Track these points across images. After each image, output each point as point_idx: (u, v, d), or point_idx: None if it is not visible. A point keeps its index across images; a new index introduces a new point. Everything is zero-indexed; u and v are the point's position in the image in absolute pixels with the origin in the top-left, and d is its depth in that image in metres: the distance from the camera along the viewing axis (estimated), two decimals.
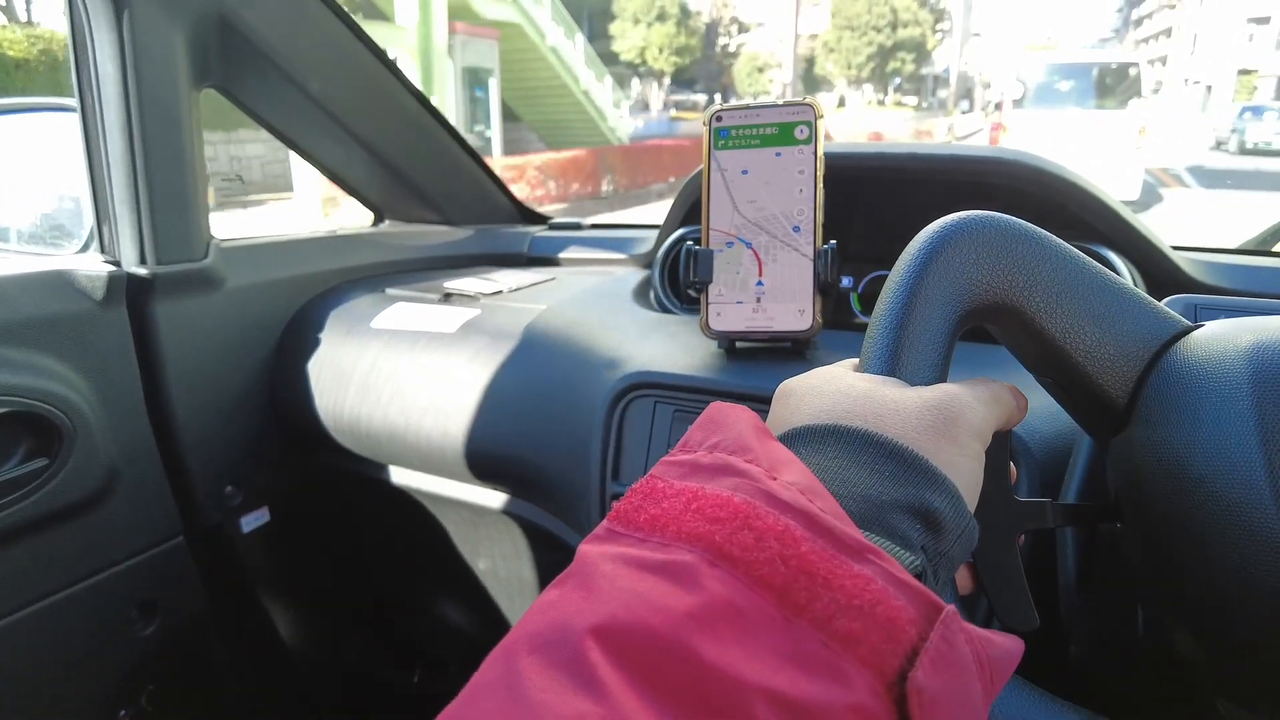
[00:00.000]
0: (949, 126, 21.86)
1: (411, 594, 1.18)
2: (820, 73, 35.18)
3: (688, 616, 0.20)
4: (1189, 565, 0.31)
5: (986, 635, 0.25)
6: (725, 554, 0.22)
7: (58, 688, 0.84)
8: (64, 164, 0.86)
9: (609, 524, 0.25)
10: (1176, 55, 39.42)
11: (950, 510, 0.27)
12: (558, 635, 0.20)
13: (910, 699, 0.21)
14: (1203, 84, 34.01)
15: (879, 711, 0.21)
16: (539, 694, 0.19)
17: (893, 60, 33.40)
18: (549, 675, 0.19)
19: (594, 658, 0.19)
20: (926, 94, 43.32)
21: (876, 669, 0.21)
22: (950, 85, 42.22)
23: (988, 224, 0.34)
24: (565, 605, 0.22)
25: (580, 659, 0.19)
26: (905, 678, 0.21)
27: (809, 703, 0.20)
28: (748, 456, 0.25)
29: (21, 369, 0.75)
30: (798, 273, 0.67)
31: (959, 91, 39.65)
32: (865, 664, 0.21)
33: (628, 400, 0.70)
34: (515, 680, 0.20)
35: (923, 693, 0.21)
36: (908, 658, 0.21)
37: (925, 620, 0.22)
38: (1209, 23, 35.88)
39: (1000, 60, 39.48)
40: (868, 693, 0.20)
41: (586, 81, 15.23)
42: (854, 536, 0.23)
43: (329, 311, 0.99)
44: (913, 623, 0.22)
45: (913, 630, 0.22)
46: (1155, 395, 0.33)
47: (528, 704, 0.19)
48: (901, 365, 0.32)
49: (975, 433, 0.30)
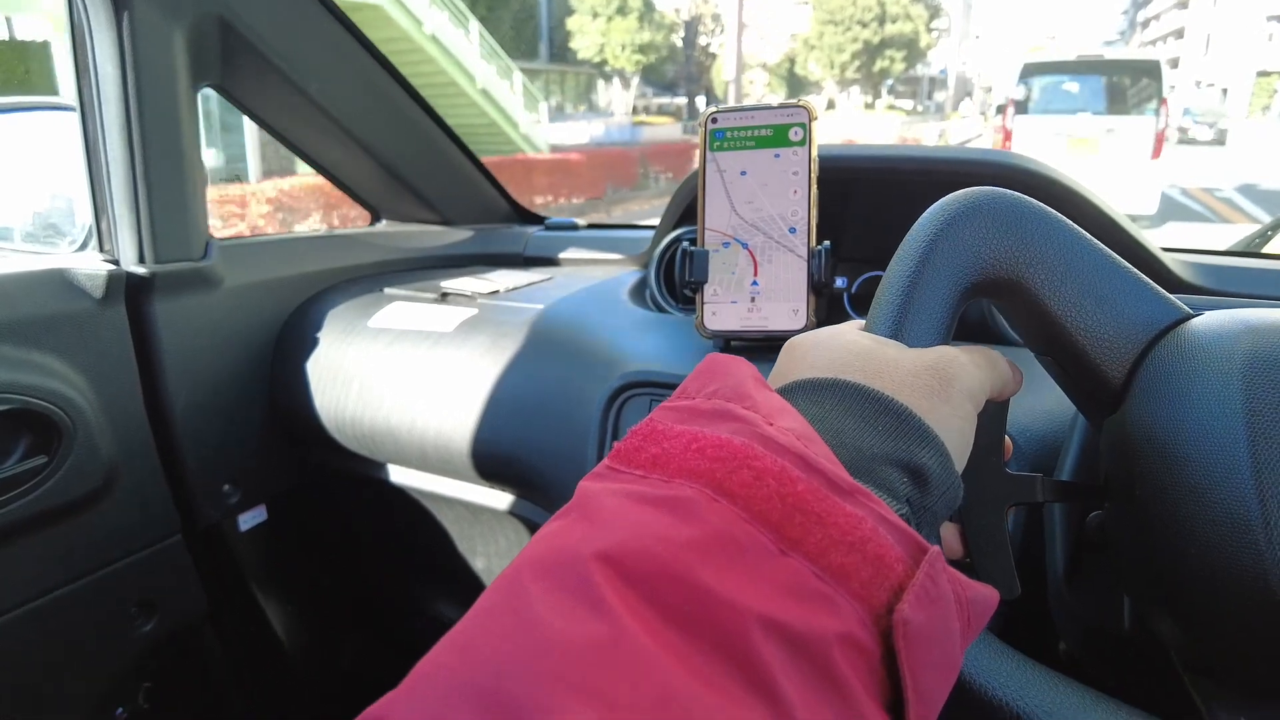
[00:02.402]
0: (940, 133, 20.29)
1: (408, 592, 1.18)
2: (801, 72, 32.14)
3: (689, 545, 0.21)
4: (1171, 546, 0.32)
5: (966, 579, 0.26)
6: (725, 489, 0.23)
7: (56, 684, 0.84)
8: (62, 162, 0.86)
9: (610, 463, 0.26)
10: (1188, 57, 37.86)
11: (938, 467, 0.28)
12: (563, 560, 0.21)
13: (896, 630, 0.22)
14: (1217, 87, 32.46)
15: (867, 640, 0.22)
16: (546, 615, 0.19)
17: (880, 59, 30.15)
18: (557, 597, 0.20)
19: (600, 581, 0.20)
20: (922, 96, 41.50)
21: (865, 601, 0.22)
22: (949, 88, 40.30)
23: (999, 200, 0.35)
24: (570, 533, 0.22)
25: (587, 582, 0.20)
26: (892, 611, 0.22)
27: (802, 629, 0.21)
28: (745, 403, 0.26)
29: (21, 367, 0.75)
30: (793, 273, 0.68)
31: (958, 95, 38.29)
32: (855, 596, 0.22)
33: (624, 399, 0.71)
34: (523, 603, 0.20)
35: (908, 625, 0.22)
36: (895, 593, 0.23)
37: (911, 559, 0.23)
38: (1224, 22, 34.23)
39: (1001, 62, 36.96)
40: (857, 623, 0.22)
41: (485, 79, 12.57)
42: (846, 478, 0.24)
43: (327, 310, 0.99)
44: (900, 560, 0.23)
45: (900, 567, 0.23)
46: (1150, 377, 0.34)
47: (536, 624, 0.19)
48: (906, 328, 0.33)
49: (969, 394, 0.31)
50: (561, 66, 27.24)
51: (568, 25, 24.69)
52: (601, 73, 26.86)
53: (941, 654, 0.24)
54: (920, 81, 41.61)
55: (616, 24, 23.95)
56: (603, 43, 24.23)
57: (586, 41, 24.27)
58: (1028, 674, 0.35)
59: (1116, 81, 7.52)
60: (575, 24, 24.41)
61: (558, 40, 26.01)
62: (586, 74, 27.72)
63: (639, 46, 24.31)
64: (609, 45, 24.23)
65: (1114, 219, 0.73)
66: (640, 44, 24.27)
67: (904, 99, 40.35)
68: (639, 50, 24.40)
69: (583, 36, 24.27)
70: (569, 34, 24.67)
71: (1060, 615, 0.46)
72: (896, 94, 39.53)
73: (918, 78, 40.81)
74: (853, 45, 29.95)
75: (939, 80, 42.42)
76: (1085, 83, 7.63)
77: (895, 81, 36.64)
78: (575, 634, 0.19)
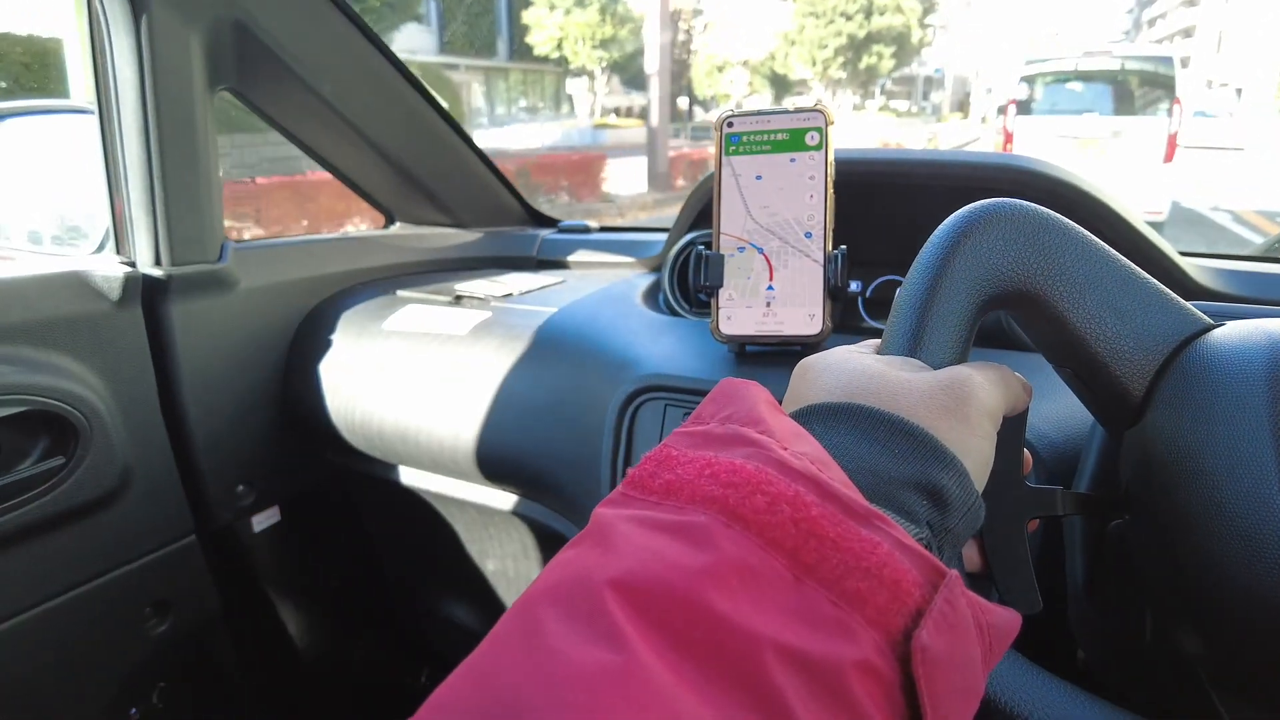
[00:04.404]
0: (930, 137, 18.24)
1: (420, 594, 1.19)
2: (782, 69, 28.17)
3: (702, 573, 0.21)
4: (1195, 559, 0.31)
5: (987, 604, 0.25)
6: (739, 516, 0.23)
7: (71, 684, 0.84)
8: (85, 165, 0.87)
9: (624, 489, 0.25)
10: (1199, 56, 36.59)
11: (957, 488, 0.28)
12: (577, 588, 0.21)
13: (915, 657, 0.22)
14: (1231, 86, 31.12)
15: (884, 667, 0.21)
16: (559, 643, 0.19)
17: (866, 55, 26.66)
18: (568, 626, 0.20)
19: (612, 609, 0.20)
20: (917, 97, 39.23)
21: (882, 628, 0.22)
22: (945, 88, 38.00)
23: (1016, 211, 0.34)
24: (583, 560, 0.22)
25: (599, 610, 0.20)
26: (910, 637, 0.22)
27: (817, 657, 0.20)
28: (759, 428, 0.26)
29: (39, 368, 0.76)
30: (808, 278, 0.67)
31: (956, 95, 36.66)
32: (871, 622, 0.22)
33: (639, 403, 0.71)
34: (535, 631, 0.20)
35: (926, 651, 0.22)
36: (912, 618, 0.22)
37: (929, 584, 0.23)
38: (1238, 18, 33.04)
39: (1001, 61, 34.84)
40: (874, 650, 0.21)
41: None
42: (861, 503, 0.24)
43: (341, 313, 1.00)
44: (917, 585, 0.23)
45: (917, 592, 0.23)
46: (1171, 390, 0.34)
47: (548, 653, 0.19)
48: (923, 346, 0.33)
49: (987, 413, 0.31)
50: (524, 65, 24.18)
51: (524, 18, 21.95)
52: (569, 71, 23.75)
53: (962, 680, 0.23)
54: (915, 81, 39.21)
55: (576, 17, 21.08)
56: (560, 37, 21.46)
57: (544, 36, 21.51)
58: (1045, 687, 0.35)
59: (1124, 80, 7.04)
60: (532, 17, 21.64)
61: (520, 36, 22.85)
62: (555, 73, 24.92)
63: (600, 42, 21.50)
64: (568, 40, 21.43)
65: (1132, 223, 0.73)
66: (602, 38, 21.49)
67: (900, 100, 37.88)
68: (600, 46, 21.63)
69: (540, 31, 21.54)
70: (526, 28, 21.93)
71: (1079, 624, 0.46)
72: (890, 95, 36.90)
73: (912, 77, 38.39)
74: (836, 40, 26.61)
75: (936, 80, 39.93)
76: (1091, 81, 7.11)
77: (888, 81, 33.61)
78: (588, 663, 0.19)
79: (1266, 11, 28.85)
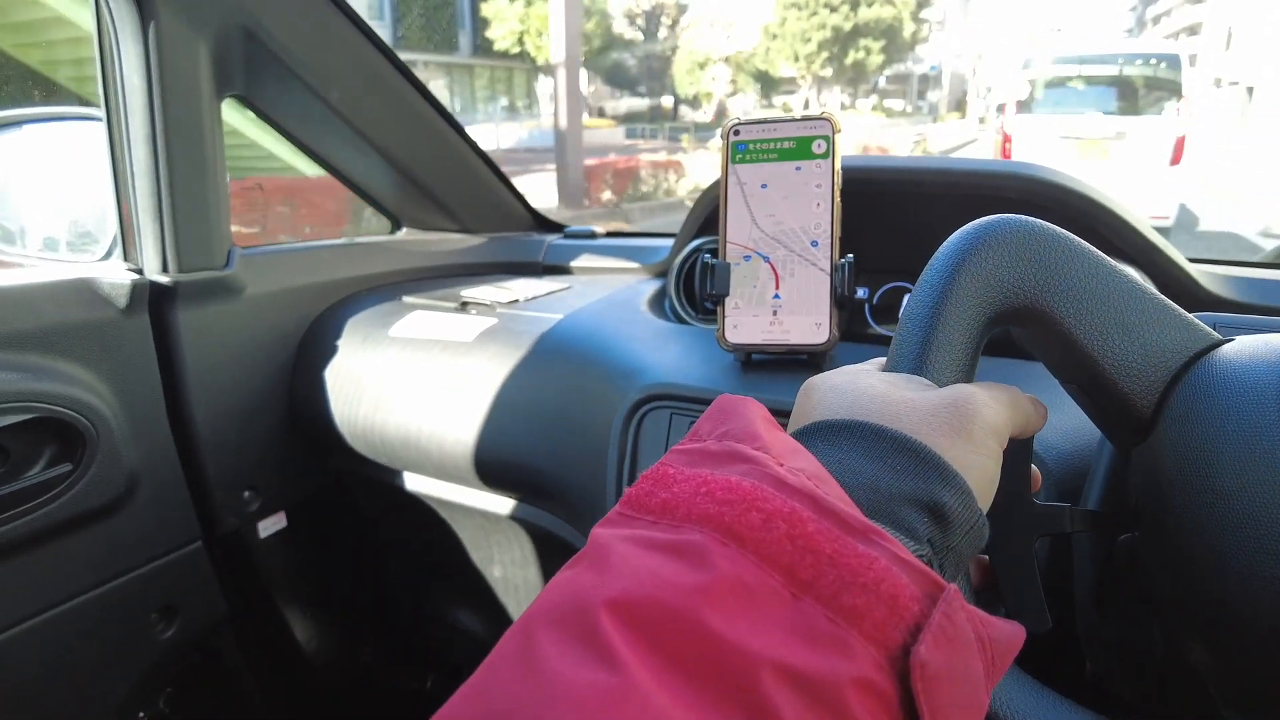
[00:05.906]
0: (917, 139, 16.12)
1: (425, 600, 1.19)
2: (763, 65, 26.36)
3: (698, 591, 0.21)
4: (1206, 576, 0.31)
5: (988, 617, 0.25)
6: (734, 534, 0.23)
7: (78, 690, 0.85)
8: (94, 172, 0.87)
9: (621, 509, 0.25)
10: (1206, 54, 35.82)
11: (959, 505, 0.27)
12: (573, 609, 0.21)
13: (914, 672, 0.21)
14: (1241, 85, 30.27)
15: (883, 684, 0.21)
16: (555, 664, 0.19)
17: (853, 49, 24.60)
18: (565, 647, 0.20)
19: (608, 630, 0.20)
20: (912, 96, 37.35)
21: (880, 643, 0.22)
22: (943, 86, 36.60)
23: (1021, 227, 0.34)
24: (580, 581, 0.22)
25: (594, 631, 0.20)
26: (909, 652, 0.22)
27: (815, 674, 0.20)
28: (756, 444, 0.26)
29: (46, 375, 0.76)
30: (815, 287, 0.67)
31: (953, 94, 34.63)
32: (869, 638, 0.22)
33: (644, 411, 0.71)
34: (532, 652, 0.20)
35: (926, 666, 0.22)
36: (911, 633, 0.22)
37: (928, 598, 0.23)
38: (1249, 14, 32.30)
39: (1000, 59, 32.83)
40: (872, 666, 0.21)
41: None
42: (859, 519, 0.24)
43: (347, 319, 1.00)
44: (915, 599, 0.23)
45: (915, 607, 0.22)
46: (1181, 406, 0.34)
47: (544, 674, 0.19)
48: (928, 364, 0.33)
49: (992, 431, 0.31)
50: (491, 61, 22.60)
51: (483, 11, 20.54)
52: (538, 68, 21.91)
53: (963, 694, 0.23)
54: (910, 80, 37.32)
55: (536, 10, 19.08)
56: (522, 30, 19.95)
57: (504, 30, 20.03)
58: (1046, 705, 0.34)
59: (1129, 78, 6.70)
60: (491, 10, 20.22)
61: (483, 30, 21.55)
62: (525, 70, 23.26)
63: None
64: (529, 34, 19.74)
65: (1142, 232, 0.73)
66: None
67: (895, 99, 35.87)
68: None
69: (500, 24, 20.11)
70: (487, 22, 20.48)
71: (1088, 637, 0.45)
72: (884, 94, 34.54)
73: (907, 75, 36.52)
74: (820, 33, 24.53)
75: (933, 78, 38.10)
76: (1095, 79, 6.78)
77: (881, 79, 31.86)
78: (583, 683, 0.19)
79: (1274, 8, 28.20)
